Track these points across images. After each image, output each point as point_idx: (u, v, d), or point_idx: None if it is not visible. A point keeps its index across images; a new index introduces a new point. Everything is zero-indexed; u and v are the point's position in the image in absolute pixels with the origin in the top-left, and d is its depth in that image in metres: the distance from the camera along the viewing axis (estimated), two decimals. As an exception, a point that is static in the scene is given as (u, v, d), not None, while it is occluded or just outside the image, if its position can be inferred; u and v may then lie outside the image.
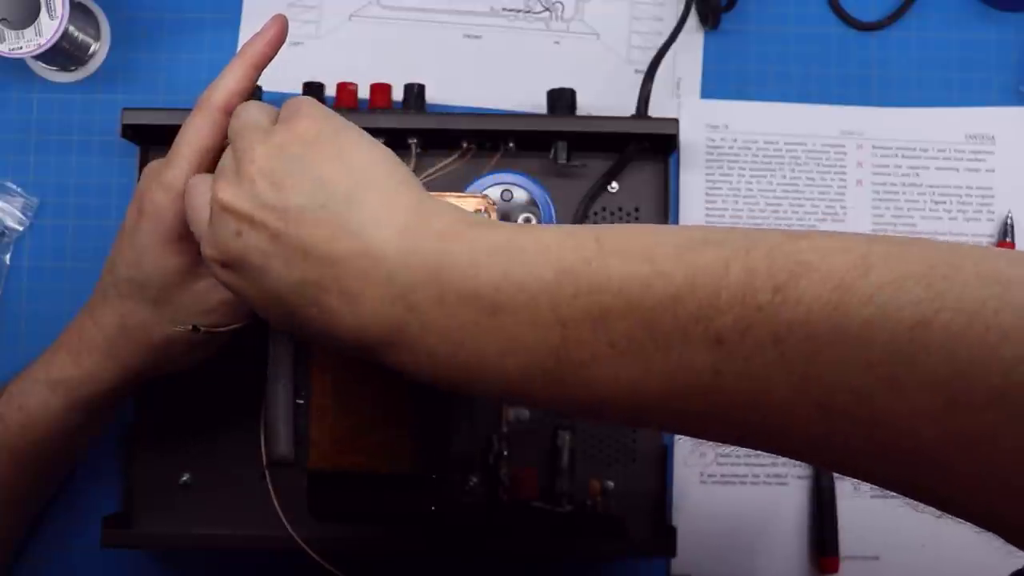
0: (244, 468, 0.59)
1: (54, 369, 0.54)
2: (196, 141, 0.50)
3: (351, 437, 0.54)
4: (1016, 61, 0.68)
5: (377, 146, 0.42)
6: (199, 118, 0.50)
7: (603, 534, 0.59)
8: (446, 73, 0.67)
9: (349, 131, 0.42)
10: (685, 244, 0.34)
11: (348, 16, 0.68)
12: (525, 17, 0.69)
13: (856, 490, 0.65)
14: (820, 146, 0.67)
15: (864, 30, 0.68)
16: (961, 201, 0.67)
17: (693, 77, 0.68)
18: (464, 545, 0.58)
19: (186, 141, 0.50)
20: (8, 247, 0.65)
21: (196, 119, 0.50)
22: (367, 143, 0.42)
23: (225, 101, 0.50)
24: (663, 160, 0.63)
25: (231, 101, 0.50)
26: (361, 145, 0.42)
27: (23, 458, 0.56)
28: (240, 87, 0.50)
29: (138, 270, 0.51)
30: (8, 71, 0.67)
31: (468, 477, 0.58)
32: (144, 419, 0.61)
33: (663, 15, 0.68)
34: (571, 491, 0.59)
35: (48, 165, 0.66)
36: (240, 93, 0.50)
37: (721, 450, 0.65)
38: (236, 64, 0.50)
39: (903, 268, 0.30)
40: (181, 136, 0.51)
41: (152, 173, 0.52)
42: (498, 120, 0.62)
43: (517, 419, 0.59)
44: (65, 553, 0.63)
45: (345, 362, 0.54)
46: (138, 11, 0.67)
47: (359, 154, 0.41)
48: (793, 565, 0.64)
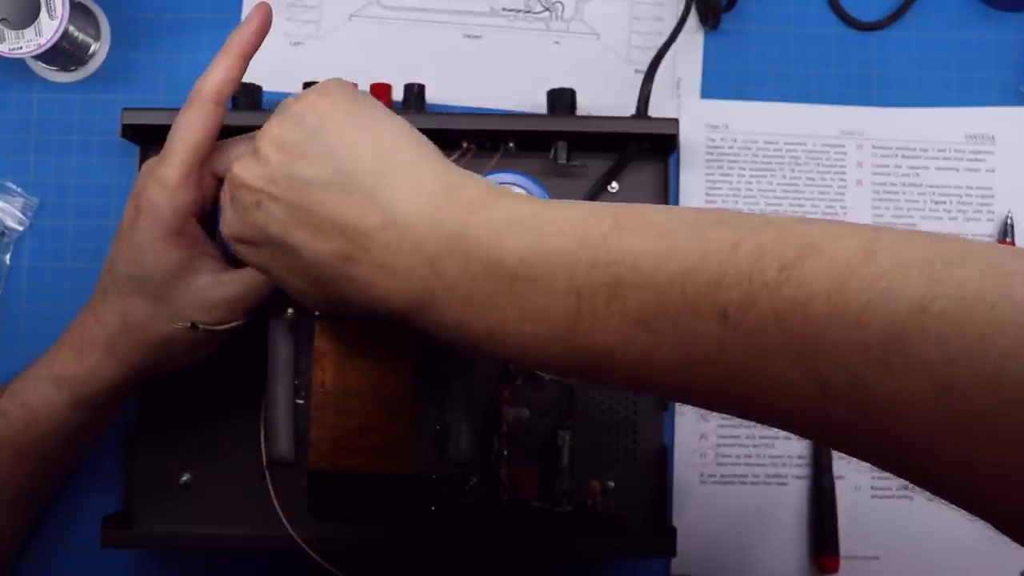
0: (244, 468, 0.59)
1: (57, 366, 0.54)
2: (189, 135, 0.50)
3: (351, 437, 0.54)
4: (1016, 61, 0.68)
5: (399, 120, 0.43)
6: (190, 112, 0.51)
7: (603, 534, 0.59)
8: (446, 73, 0.67)
9: (368, 106, 0.43)
10: (699, 223, 0.36)
11: (348, 16, 0.68)
12: (525, 17, 0.69)
13: (856, 490, 0.65)
14: (820, 146, 0.67)
15: (864, 30, 0.68)
16: (961, 201, 0.67)
17: (693, 77, 0.68)
18: (464, 545, 0.58)
19: (179, 136, 0.50)
20: (8, 247, 0.65)
21: (188, 114, 0.51)
22: (388, 118, 0.43)
23: (215, 92, 0.50)
24: (663, 160, 0.63)
25: (221, 92, 0.51)
26: (382, 120, 0.43)
27: (26, 455, 0.56)
28: (229, 77, 0.51)
29: (137, 267, 0.52)
30: (8, 71, 0.67)
31: (468, 477, 0.58)
32: (145, 419, 0.61)
33: (663, 15, 0.68)
34: (571, 491, 0.59)
35: (48, 165, 0.66)
36: (229, 83, 0.51)
37: (721, 450, 0.65)
38: (223, 55, 0.51)
39: (906, 256, 0.31)
40: (174, 131, 0.51)
41: (148, 170, 0.52)
42: (498, 120, 0.62)
43: (517, 419, 0.59)
44: (65, 553, 0.63)
45: (346, 362, 0.54)
46: (138, 11, 0.67)
47: (381, 129, 0.42)
48: (793, 565, 0.64)
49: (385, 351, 0.55)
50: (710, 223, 0.35)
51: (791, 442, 0.65)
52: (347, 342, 0.54)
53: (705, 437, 0.65)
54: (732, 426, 0.65)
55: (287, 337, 0.57)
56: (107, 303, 0.53)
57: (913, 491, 0.65)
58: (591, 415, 0.61)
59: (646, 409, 0.62)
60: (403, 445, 0.54)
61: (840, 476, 0.64)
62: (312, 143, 0.41)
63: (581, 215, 0.38)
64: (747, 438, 0.65)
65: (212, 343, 0.54)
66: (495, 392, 0.59)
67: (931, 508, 0.64)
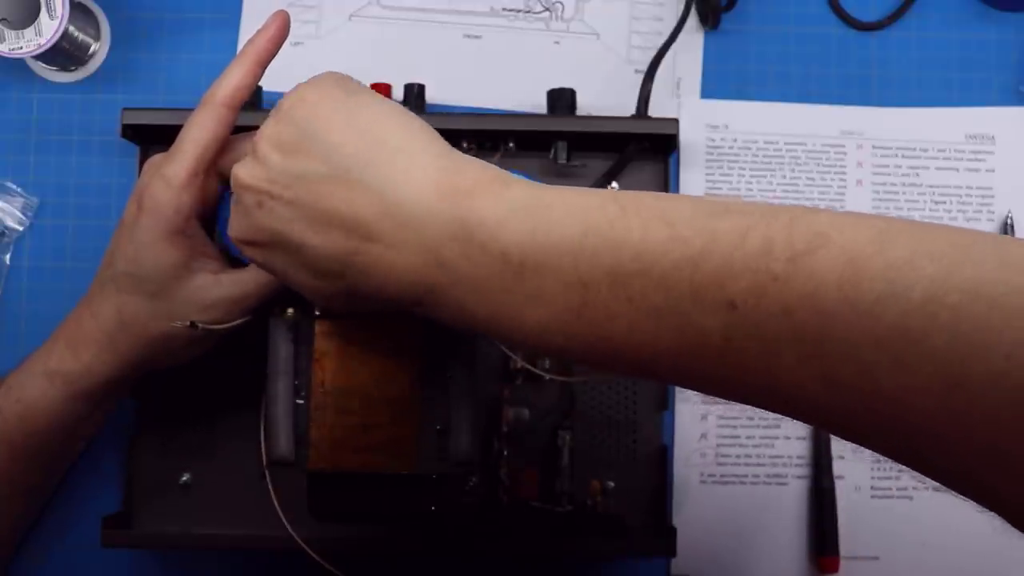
0: (244, 468, 0.59)
1: (52, 361, 0.54)
2: (199, 136, 0.50)
3: (351, 437, 0.54)
4: (1016, 61, 0.68)
5: (394, 107, 0.43)
6: (203, 114, 0.51)
7: (603, 534, 0.59)
8: (446, 73, 0.67)
9: (362, 95, 0.43)
10: (706, 211, 0.35)
11: (348, 16, 0.68)
12: (525, 17, 0.69)
13: (856, 490, 0.65)
14: (820, 146, 0.67)
15: (864, 30, 0.68)
16: (961, 201, 0.67)
17: (693, 77, 0.68)
18: (464, 545, 0.58)
19: (189, 136, 0.51)
20: (8, 247, 0.65)
21: (200, 115, 0.51)
22: (379, 104, 0.43)
23: (229, 97, 0.51)
24: (663, 160, 0.63)
25: (235, 97, 0.51)
26: (372, 107, 0.42)
27: (22, 451, 0.56)
28: (244, 83, 0.51)
29: (137, 265, 0.52)
30: (8, 71, 0.67)
31: (468, 477, 0.58)
32: (144, 419, 0.61)
33: (663, 15, 0.68)
34: (571, 491, 0.59)
35: (48, 165, 0.66)
36: (244, 89, 0.51)
37: (721, 450, 0.65)
38: (239, 61, 0.51)
39: (918, 246, 0.31)
40: (185, 131, 0.51)
41: (153, 167, 0.52)
42: (498, 120, 0.62)
43: (517, 419, 0.59)
44: (65, 553, 0.63)
45: (346, 362, 0.54)
46: (138, 11, 0.67)
47: (374, 117, 0.42)
48: (793, 565, 0.64)
49: (385, 351, 0.55)
50: (718, 212, 0.35)
51: (791, 442, 0.65)
52: (347, 342, 0.54)
53: (705, 437, 0.65)
54: (732, 426, 0.65)
55: (287, 337, 0.57)
56: (105, 299, 0.53)
57: (913, 491, 0.65)
58: (591, 415, 0.61)
59: (646, 409, 0.62)
60: (403, 445, 0.54)
61: (840, 476, 0.64)
62: (305, 137, 0.41)
63: (585, 202, 0.37)
64: (747, 438, 0.65)
65: (210, 340, 0.54)
66: (495, 392, 0.59)
67: (931, 508, 0.64)
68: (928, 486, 0.64)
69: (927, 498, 0.64)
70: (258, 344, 0.57)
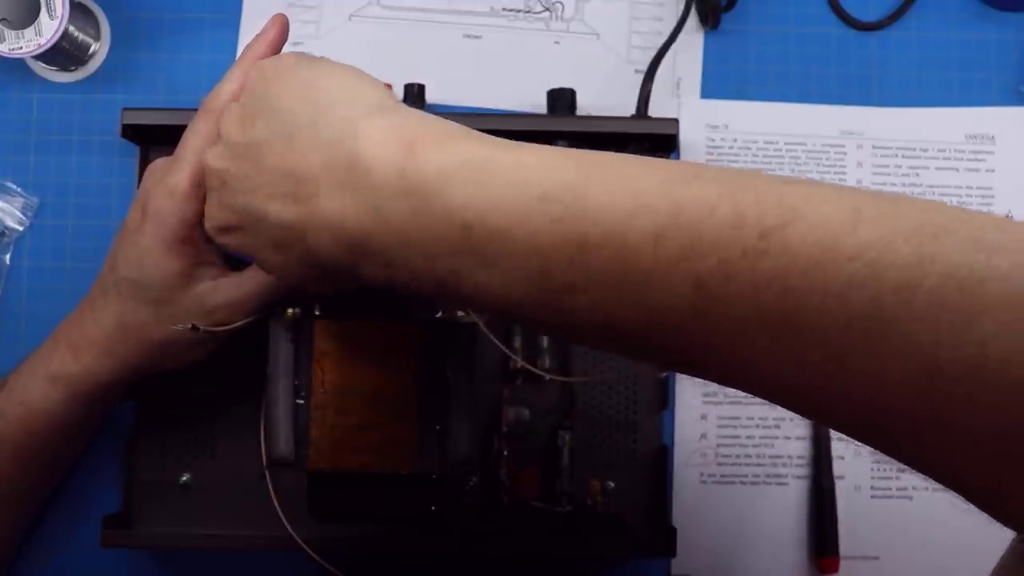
0: (244, 468, 0.59)
1: (54, 364, 0.54)
2: (200, 144, 0.50)
3: (351, 437, 0.54)
4: (1016, 61, 0.68)
5: (345, 68, 0.42)
6: (202, 121, 0.51)
7: (603, 534, 0.59)
8: (446, 73, 0.67)
9: (315, 64, 0.43)
10: (672, 178, 0.33)
11: (348, 16, 0.68)
12: (525, 17, 0.69)
13: (856, 490, 0.65)
14: (820, 146, 0.67)
15: (864, 30, 0.68)
16: (961, 201, 0.67)
17: (693, 77, 0.68)
18: (464, 545, 0.58)
19: (189, 145, 0.51)
20: (8, 247, 0.65)
21: (199, 122, 0.51)
22: (332, 69, 0.42)
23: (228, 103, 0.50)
24: (663, 160, 0.63)
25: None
26: (327, 71, 0.42)
27: (24, 452, 0.56)
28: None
29: (139, 272, 0.52)
30: (8, 71, 0.67)
31: (468, 477, 0.58)
32: (144, 419, 0.61)
33: (663, 15, 0.68)
34: (571, 491, 0.59)
35: (48, 165, 0.66)
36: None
37: (721, 450, 0.65)
38: (238, 66, 0.51)
39: (893, 225, 0.30)
40: (185, 140, 0.51)
41: (156, 173, 0.52)
42: (498, 120, 0.62)
43: (517, 419, 0.59)
44: (65, 553, 0.63)
45: (346, 362, 0.54)
46: (138, 11, 0.67)
47: (323, 79, 0.41)
48: (793, 565, 0.64)
49: (385, 351, 0.55)
50: (686, 178, 0.33)
51: (791, 442, 0.65)
52: (347, 342, 0.54)
53: (705, 437, 0.65)
54: (732, 426, 0.65)
55: (287, 337, 0.57)
56: (106, 303, 0.53)
57: (913, 491, 0.65)
58: (591, 415, 0.61)
59: (646, 409, 0.62)
60: (403, 444, 0.54)
61: (840, 476, 0.64)
62: (259, 108, 0.41)
63: (541, 163, 0.35)
64: (747, 438, 0.65)
65: (212, 344, 0.54)
66: (495, 392, 0.59)
67: (931, 508, 0.64)
68: (928, 486, 0.64)
69: (927, 498, 0.64)
70: (258, 344, 0.57)
